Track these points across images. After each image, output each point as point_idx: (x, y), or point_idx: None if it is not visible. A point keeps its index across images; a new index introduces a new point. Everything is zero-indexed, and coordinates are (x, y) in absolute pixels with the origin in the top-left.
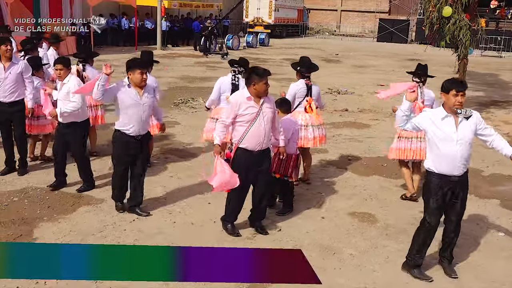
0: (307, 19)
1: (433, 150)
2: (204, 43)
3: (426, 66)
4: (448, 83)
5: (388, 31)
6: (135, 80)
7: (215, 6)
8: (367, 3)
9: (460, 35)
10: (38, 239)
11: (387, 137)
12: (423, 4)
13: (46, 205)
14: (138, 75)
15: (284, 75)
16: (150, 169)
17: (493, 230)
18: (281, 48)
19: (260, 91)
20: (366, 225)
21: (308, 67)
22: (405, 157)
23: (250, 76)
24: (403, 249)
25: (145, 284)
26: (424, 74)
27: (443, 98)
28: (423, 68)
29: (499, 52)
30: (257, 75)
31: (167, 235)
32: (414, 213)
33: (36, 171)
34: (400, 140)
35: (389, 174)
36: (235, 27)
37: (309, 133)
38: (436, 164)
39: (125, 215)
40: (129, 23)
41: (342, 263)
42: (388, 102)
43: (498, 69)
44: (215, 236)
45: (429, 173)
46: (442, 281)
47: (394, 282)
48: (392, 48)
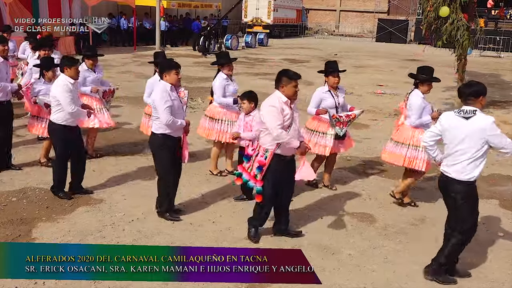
0: (306, 19)
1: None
2: (203, 43)
3: (431, 69)
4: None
5: (387, 31)
6: (172, 80)
7: (214, 6)
8: (366, 3)
9: (458, 35)
10: (37, 239)
11: (386, 137)
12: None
13: (45, 205)
14: (174, 75)
15: None
16: (149, 170)
17: (492, 230)
18: (280, 48)
19: (289, 93)
20: (365, 225)
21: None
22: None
23: (279, 78)
24: (401, 250)
25: (145, 284)
26: (430, 79)
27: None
28: (428, 71)
29: (498, 52)
30: (286, 77)
31: (166, 235)
32: (413, 213)
33: (35, 172)
34: (391, 143)
35: (388, 175)
36: (234, 27)
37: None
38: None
39: (123, 216)
40: (128, 23)
41: (341, 263)
42: (388, 103)
43: (498, 69)
44: (214, 236)
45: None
46: None
47: (392, 283)
48: (391, 48)
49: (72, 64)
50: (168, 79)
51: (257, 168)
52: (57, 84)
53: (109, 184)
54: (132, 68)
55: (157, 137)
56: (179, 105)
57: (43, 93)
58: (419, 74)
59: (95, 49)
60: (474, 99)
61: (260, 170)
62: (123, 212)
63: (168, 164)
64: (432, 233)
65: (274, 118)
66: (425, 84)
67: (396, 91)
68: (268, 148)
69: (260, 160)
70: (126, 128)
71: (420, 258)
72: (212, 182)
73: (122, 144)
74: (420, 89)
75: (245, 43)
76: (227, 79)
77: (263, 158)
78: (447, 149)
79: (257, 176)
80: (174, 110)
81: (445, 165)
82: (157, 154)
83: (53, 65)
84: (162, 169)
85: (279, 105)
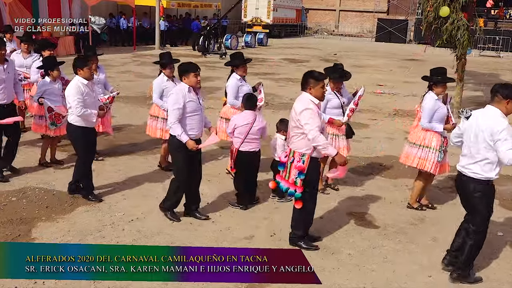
0: (306, 19)
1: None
2: (202, 43)
3: (444, 70)
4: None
5: (386, 31)
6: (191, 83)
7: (214, 6)
8: (366, 3)
9: (458, 35)
10: (37, 239)
11: (385, 137)
12: (421, 4)
13: (45, 205)
14: (193, 78)
15: (282, 75)
16: (149, 169)
17: (492, 230)
18: (280, 48)
19: (318, 95)
20: (364, 225)
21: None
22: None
23: (306, 80)
24: (401, 249)
25: (145, 284)
26: (444, 80)
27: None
28: (441, 72)
29: (498, 52)
30: (313, 79)
31: (165, 234)
32: (412, 213)
33: (34, 172)
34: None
35: (387, 174)
36: (233, 27)
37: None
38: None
39: (123, 216)
40: (127, 23)
41: (340, 263)
42: (387, 102)
43: (497, 69)
44: (214, 235)
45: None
46: (441, 281)
47: (392, 282)
48: (390, 48)
49: (84, 65)
50: (187, 82)
51: (297, 174)
52: (70, 85)
53: (108, 184)
54: (132, 68)
55: (174, 139)
56: (196, 106)
57: (49, 92)
58: (432, 75)
59: (95, 48)
60: (500, 99)
61: (300, 175)
62: (122, 211)
63: (183, 166)
64: (432, 233)
65: (313, 120)
66: (439, 86)
67: (395, 90)
68: (305, 153)
69: (299, 165)
70: (126, 128)
71: (419, 258)
72: (212, 182)
73: (122, 144)
74: (434, 91)
75: (244, 43)
76: (240, 80)
77: (300, 163)
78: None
79: (297, 182)
80: (186, 112)
81: (460, 165)
82: (174, 156)
83: (58, 64)
84: (177, 170)
85: (314, 107)
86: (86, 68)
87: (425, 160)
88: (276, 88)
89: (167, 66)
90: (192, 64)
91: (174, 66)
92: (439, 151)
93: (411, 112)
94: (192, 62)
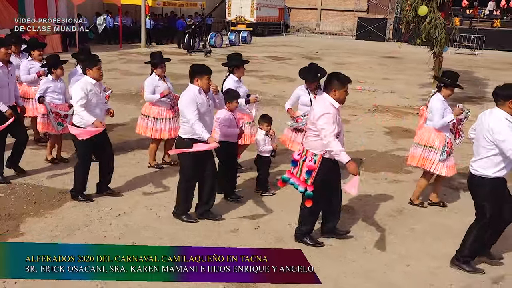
0: (288, 18)
1: None
2: (188, 41)
3: (457, 75)
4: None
5: (366, 30)
6: (204, 85)
7: (199, 5)
8: (346, 2)
9: (436, 33)
10: (25, 234)
11: (365, 132)
12: (400, 3)
13: (33, 201)
14: (205, 81)
15: (266, 72)
16: (136, 166)
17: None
18: (263, 46)
19: (341, 98)
20: (345, 217)
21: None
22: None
23: (331, 82)
24: (380, 240)
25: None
26: (454, 84)
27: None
28: (454, 76)
29: (473, 50)
30: (338, 81)
31: (152, 228)
32: (391, 205)
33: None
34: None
35: (368, 168)
36: (218, 26)
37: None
38: None
39: (110, 210)
40: (113, 21)
41: (322, 254)
42: (367, 99)
43: (471, 66)
44: (200, 229)
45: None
46: (419, 270)
47: (372, 271)
48: (370, 46)
49: (93, 65)
50: (200, 83)
51: (306, 172)
52: (77, 83)
53: (96, 180)
54: (118, 65)
55: (183, 141)
56: (206, 107)
57: (51, 90)
58: (444, 78)
59: (88, 49)
60: (503, 101)
61: (310, 174)
62: (110, 206)
63: (189, 165)
64: (410, 224)
65: (330, 126)
66: (448, 88)
67: (375, 87)
68: (317, 153)
69: (310, 164)
70: (114, 125)
71: (398, 248)
72: None
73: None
74: (442, 93)
75: (229, 41)
76: (237, 81)
77: (312, 162)
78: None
79: (308, 181)
80: (199, 113)
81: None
82: (181, 155)
83: (60, 62)
84: (183, 173)
85: (334, 111)
86: (95, 68)
87: (427, 160)
88: (260, 85)
89: (159, 65)
90: (206, 67)
91: (165, 66)
92: (441, 151)
93: (391, 108)
94: (205, 65)
